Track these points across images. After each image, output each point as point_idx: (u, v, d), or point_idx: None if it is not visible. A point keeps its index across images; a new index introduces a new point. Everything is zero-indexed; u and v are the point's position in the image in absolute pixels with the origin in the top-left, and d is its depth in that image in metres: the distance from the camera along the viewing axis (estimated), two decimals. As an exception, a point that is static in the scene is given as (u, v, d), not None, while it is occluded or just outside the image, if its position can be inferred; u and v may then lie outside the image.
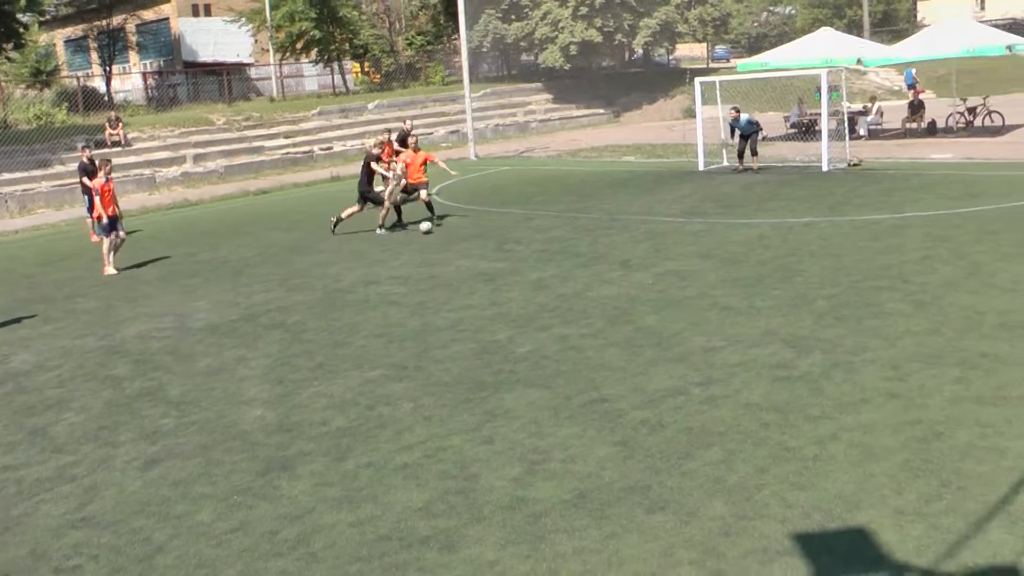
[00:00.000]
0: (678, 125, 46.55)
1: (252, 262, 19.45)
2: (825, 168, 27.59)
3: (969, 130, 34.73)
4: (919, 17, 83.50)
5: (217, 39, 60.88)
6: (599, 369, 11.21)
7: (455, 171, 25.33)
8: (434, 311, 14.46)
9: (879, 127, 36.74)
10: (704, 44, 73.39)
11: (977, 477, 7.85)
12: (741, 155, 28.47)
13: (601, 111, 55.54)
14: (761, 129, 29.32)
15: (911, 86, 49.73)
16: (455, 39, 57.23)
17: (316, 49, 52.19)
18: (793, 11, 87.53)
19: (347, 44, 54.04)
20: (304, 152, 40.15)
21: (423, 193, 22.58)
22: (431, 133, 45.42)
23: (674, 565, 6.88)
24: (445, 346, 12.57)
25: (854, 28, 68.47)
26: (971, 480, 7.81)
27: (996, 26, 49.38)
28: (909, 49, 36.26)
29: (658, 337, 12.30)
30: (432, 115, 48.17)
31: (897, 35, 64.59)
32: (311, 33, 50.91)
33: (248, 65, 59.06)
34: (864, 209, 20.42)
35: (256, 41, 57.27)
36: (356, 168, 36.02)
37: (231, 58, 59.46)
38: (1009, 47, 33.75)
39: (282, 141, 40.90)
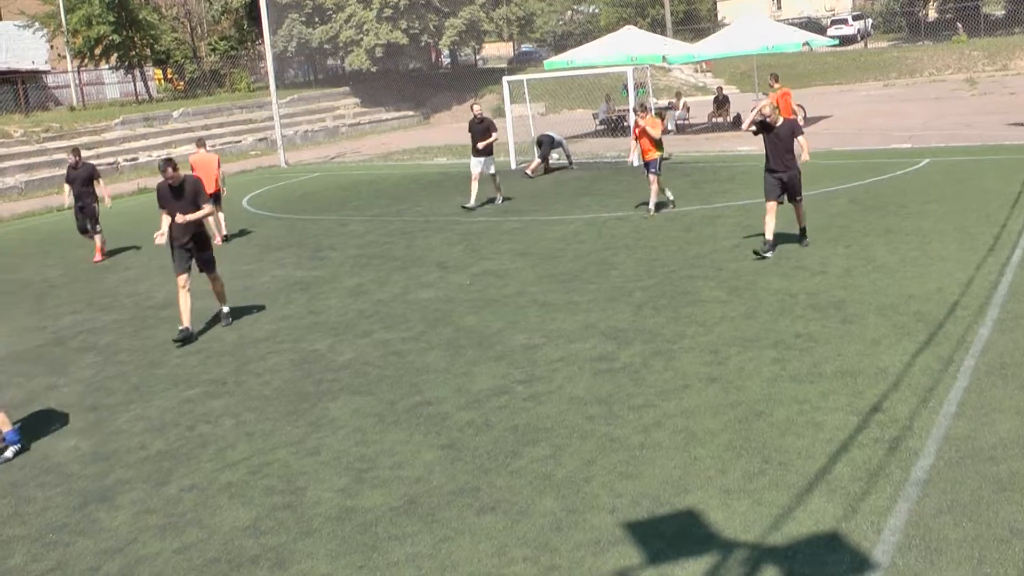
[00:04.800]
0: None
1: (58, 282, 18.69)
2: (635, 163, 28.13)
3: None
4: (720, 16, 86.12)
5: (9, 45, 58.22)
6: (422, 372, 11.18)
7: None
8: (251, 323, 14.18)
9: (686, 122, 37.75)
10: (510, 43, 74.08)
11: (797, 451, 8.14)
12: None
13: (411, 113, 55.53)
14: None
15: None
16: (259, 44, 56.34)
17: (116, 55, 50.53)
18: (596, 10, 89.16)
19: (148, 49, 52.55)
20: (108, 164, 38.76)
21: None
22: (239, 141, 44.59)
23: (508, 564, 6.91)
24: (264, 359, 12.34)
25: (657, 26, 70.14)
26: (791, 455, 8.09)
27: (792, 24, 51.48)
28: (711, 46, 37.42)
29: (479, 337, 12.35)
30: (239, 123, 47.28)
31: (699, 33, 66.46)
32: (110, 37, 49.26)
33: (45, 72, 56.74)
34: (676, 201, 20.94)
35: (52, 47, 55.12)
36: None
37: (26, 65, 56.97)
38: (806, 43, 35.22)
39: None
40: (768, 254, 15.05)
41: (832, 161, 24.77)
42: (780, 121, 15.33)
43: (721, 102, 37.13)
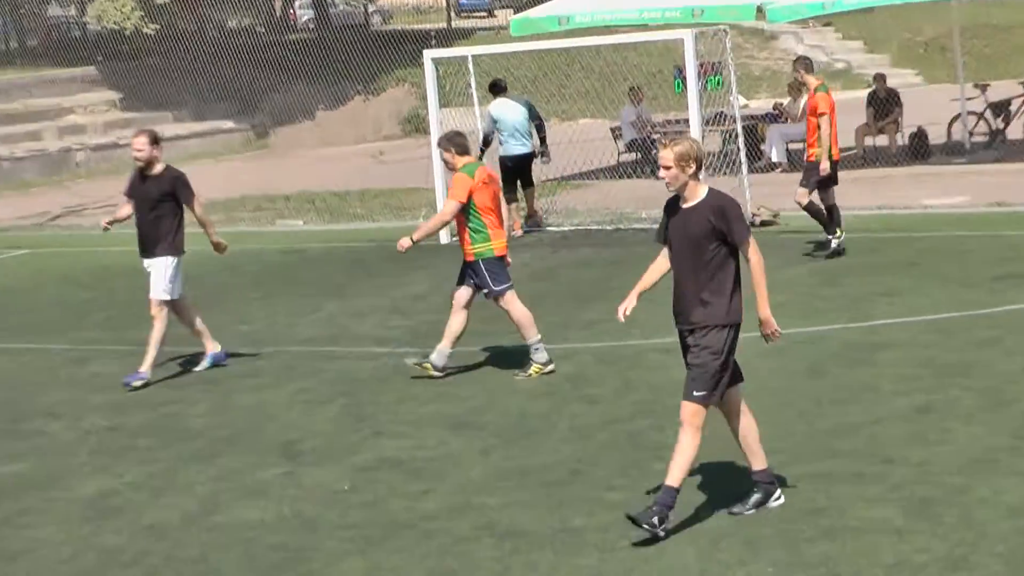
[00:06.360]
0: (391, 149, 47.20)
1: None
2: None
3: (996, 146, 36.30)
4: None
5: None
6: None
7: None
8: None
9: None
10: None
11: None
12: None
13: (230, 125, 55.93)
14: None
15: None
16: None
17: None
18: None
19: None
20: None
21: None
22: None
23: None
24: None
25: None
26: None
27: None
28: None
29: (369, 609, 12.17)
30: None
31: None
32: None
33: None
34: (792, 313, 20.82)
35: None
36: None
37: None
38: None
39: None
40: (654, 529, 12.70)
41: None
42: (702, 193, 13.22)
43: (885, 104, 37.42)
